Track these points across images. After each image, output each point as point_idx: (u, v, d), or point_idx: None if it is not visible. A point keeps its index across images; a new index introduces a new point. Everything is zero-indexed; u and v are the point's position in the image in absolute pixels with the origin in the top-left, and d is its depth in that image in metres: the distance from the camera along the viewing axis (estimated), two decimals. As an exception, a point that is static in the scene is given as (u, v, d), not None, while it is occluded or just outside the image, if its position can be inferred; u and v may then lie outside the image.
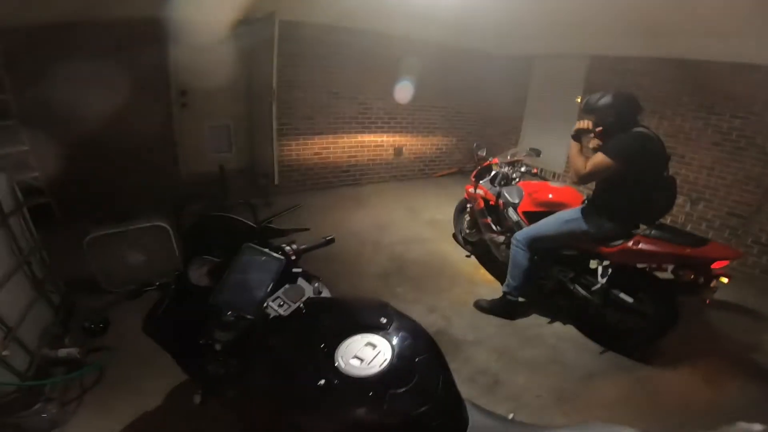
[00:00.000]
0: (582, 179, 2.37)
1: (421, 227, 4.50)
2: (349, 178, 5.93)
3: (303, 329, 1.07)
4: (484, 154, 3.80)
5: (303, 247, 1.36)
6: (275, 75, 4.68)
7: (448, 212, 4.62)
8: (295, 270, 1.27)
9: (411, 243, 4.07)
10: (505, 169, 3.43)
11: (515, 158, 3.55)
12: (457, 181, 6.36)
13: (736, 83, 3.92)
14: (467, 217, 3.87)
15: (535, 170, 3.33)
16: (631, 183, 2.27)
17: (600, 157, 2.25)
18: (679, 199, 2.56)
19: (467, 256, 3.84)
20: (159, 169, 4.60)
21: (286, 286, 1.19)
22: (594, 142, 2.46)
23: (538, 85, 6.19)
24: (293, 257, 1.29)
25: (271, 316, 1.12)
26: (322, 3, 4.25)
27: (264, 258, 1.19)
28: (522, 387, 2.32)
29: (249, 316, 1.07)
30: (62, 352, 2.05)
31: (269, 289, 1.14)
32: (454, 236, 4.18)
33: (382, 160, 6.14)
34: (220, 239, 1.34)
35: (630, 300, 2.50)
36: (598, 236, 2.49)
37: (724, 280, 2.26)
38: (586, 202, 2.63)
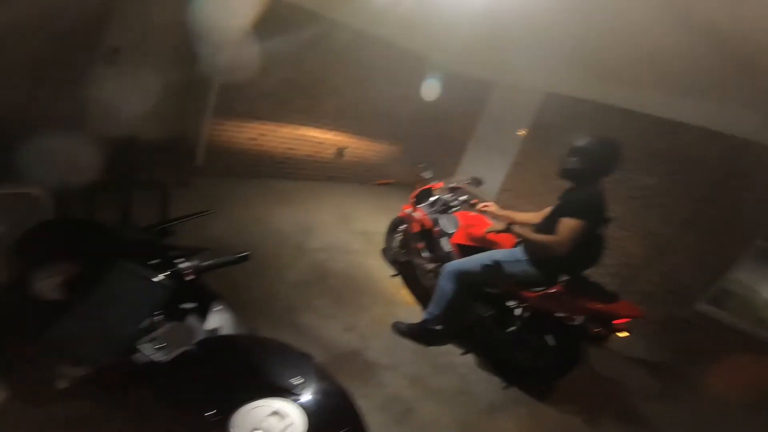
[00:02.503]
0: (565, 251, 2.25)
1: (350, 236, 4.30)
2: (282, 170, 5.54)
3: (188, 383, 0.80)
4: (429, 176, 3.76)
5: (206, 263, 1.04)
6: (223, 48, 4.25)
7: (380, 224, 4.53)
8: (185, 306, 0.97)
9: (336, 252, 3.85)
10: (446, 196, 3.37)
11: (457, 185, 3.52)
12: (394, 193, 6.29)
13: (661, 141, 4.29)
14: (399, 237, 3.78)
15: (474, 201, 3.31)
16: None
17: (572, 223, 2.20)
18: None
19: (393, 276, 3.72)
20: (62, 126, 3.85)
21: (169, 324, 0.91)
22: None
23: (490, 112, 6.31)
24: (191, 277, 0.99)
25: (147, 360, 0.84)
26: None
27: (141, 283, 0.87)
28: (430, 417, 2.33)
29: (100, 362, 0.78)
30: None
31: (145, 324, 0.85)
32: (383, 252, 4.05)
33: (322, 158, 5.85)
34: (90, 246, 1.01)
35: (540, 342, 2.65)
36: (523, 281, 2.56)
37: (624, 334, 2.44)
38: (518, 246, 2.66)
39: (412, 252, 3.41)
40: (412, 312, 3.23)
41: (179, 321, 0.94)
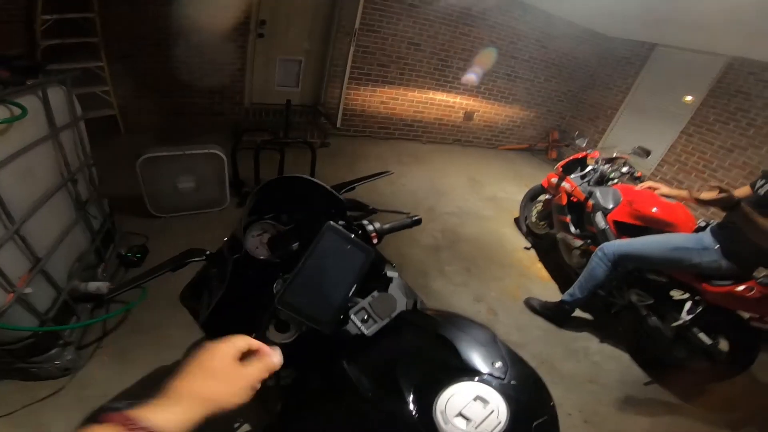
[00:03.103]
0: None
1: (480, 202, 4.18)
2: (411, 133, 5.61)
3: (391, 361, 0.77)
4: (584, 144, 3.37)
5: (387, 227, 1.02)
6: (359, 16, 4.44)
7: (511, 191, 4.36)
8: (390, 273, 0.93)
9: (468, 217, 3.79)
10: (604, 167, 2.98)
11: (618, 155, 3.07)
12: (524, 159, 5.89)
13: None
14: (539, 207, 3.51)
15: (639, 173, 2.87)
16: None
17: None
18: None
19: (526, 248, 3.52)
20: (225, 95, 4.53)
21: (375, 294, 0.87)
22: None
23: (651, 76, 5.37)
24: (376, 241, 0.97)
25: (351, 334, 0.82)
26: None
27: (348, 246, 0.83)
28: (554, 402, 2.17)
29: (322, 330, 0.79)
30: (92, 287, 1.87)
31: (350, 293, 0.82)
32: (517, 222, 3.84)
33: (450, 121, 5.73)
34: (293, 205, 1.03)
35: (708, 342, 2.25)
36: (708, 272, 2.16)
37: None
38: (705, 230, 2.25)
39: (556, 225, 3.14)
40: (546, 289, 3.05)
41: (382, 290, 0.89)
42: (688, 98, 4.79)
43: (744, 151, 4.18)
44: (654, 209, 2.50)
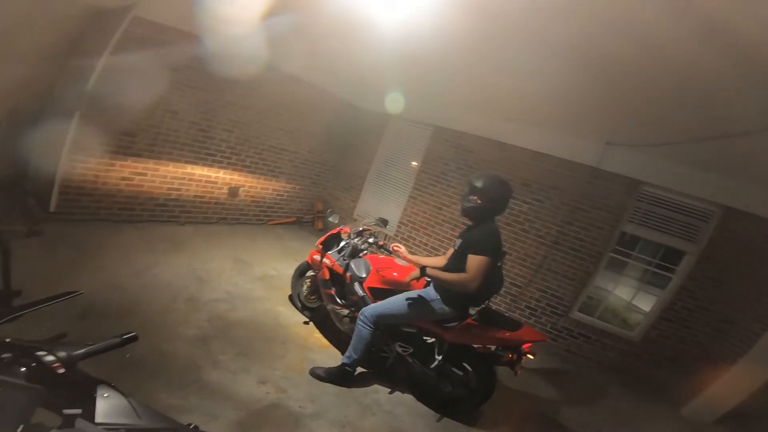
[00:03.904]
0: (477, 286, 2.39)
1: (251, 283, 3.95)
2: (165, 213, 4.91)
3: None
4: (336, 221, 3.76)
5: (81, 351, 0.82)
6: (97, 72, 3.71)
7: (282, 268, 4.35)
8: (69, 412, 0.72)
9: (238, 301, 3.50)
10: (355, 240, 3.32)
11: (365, 227, 3.52)
12: (293, 233, 6.08)
13: (532, 171, 4.97)
14: (308, 282, 3.62)
15: (382, 242, 3.36)
16: None
17: (479, 260, 2.38)
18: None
19: (305, 323, 3.50)
20: None
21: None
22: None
23: (387, 145, 6.41)
24: (61, 371, 0.76)
25: None
26: (189, 7, 3.44)
27: None
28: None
29: None
30: None
31: None
32: (291, 299, 3.82)
33: (213, 198, 5.36)
34: None
35: (460, 373, 2.78)
36: (438, 318, 2.70)
37: (531, 357, 2.73)
38: (429, 285, 2.81)
39: (324, 298, 3.30)
40: (328, 355, 3.10)
41: (65, 427, 0.70)
42: (413, 164, 5.99)
43: (448, 208, 5.55)
44: (394, 273, 3.02)
